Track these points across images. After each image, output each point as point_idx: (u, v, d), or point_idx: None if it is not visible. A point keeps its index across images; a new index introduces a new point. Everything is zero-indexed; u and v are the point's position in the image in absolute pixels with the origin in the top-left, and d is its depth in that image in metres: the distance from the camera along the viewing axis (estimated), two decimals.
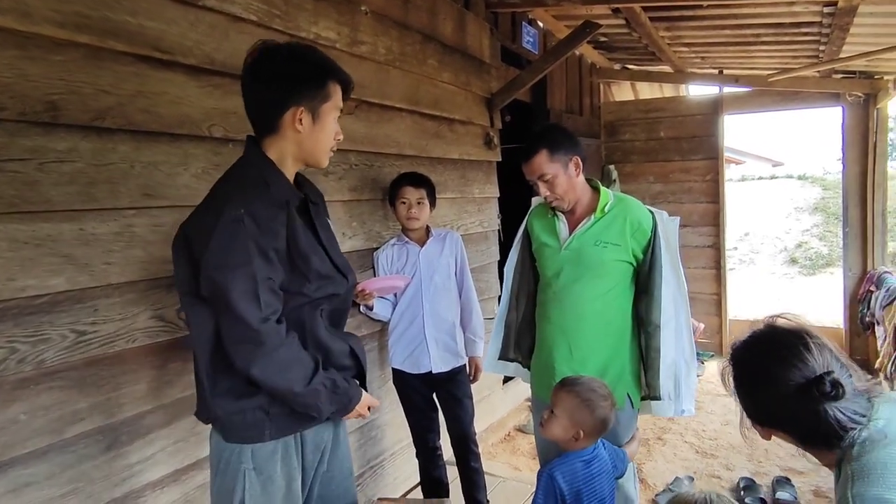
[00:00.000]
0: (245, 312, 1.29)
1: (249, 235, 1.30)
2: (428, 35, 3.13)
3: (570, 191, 2.02)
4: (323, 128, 1.43)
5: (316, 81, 1.41)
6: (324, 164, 1.52)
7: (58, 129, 1.56)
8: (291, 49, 1.43)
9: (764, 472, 3.49)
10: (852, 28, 3.71)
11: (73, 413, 1.61)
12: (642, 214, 2.01)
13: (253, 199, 1.35)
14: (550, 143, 1.99)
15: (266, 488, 1.42)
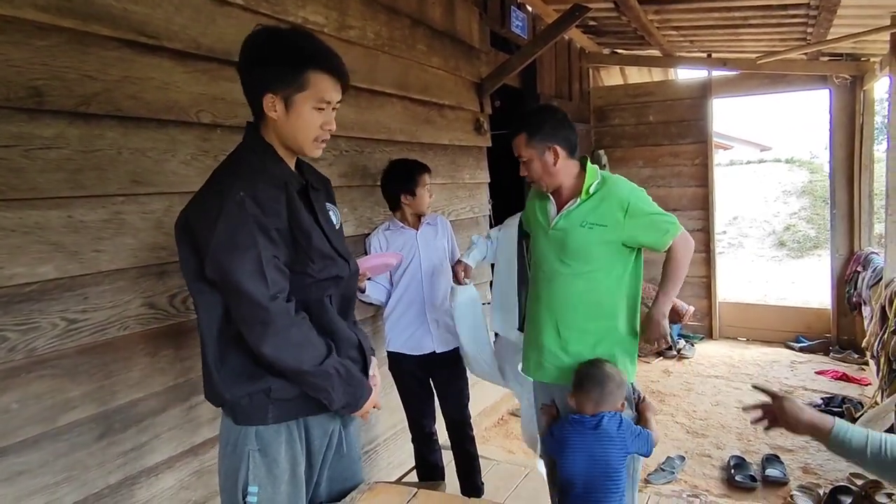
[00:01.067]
0: (253, 292, 1.29)
1: (251, 216, 1.30)
2: (417, 20, 3.11)
3: (546, 176, 2.02)
4: (299, 117, 1.39)
5: (289, 69, 1.36)
6: (310, 154, 1.46)
7: (43, 116, 1.54)
8: (276, 34, 1.39)
9: (754, 451, 3.54)
10: (839, 10, 3.73)
11: (65, 401, 1.61)
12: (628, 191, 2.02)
13: (253, 181, 1.35)
14: (531, 128, 2.00)
15: (271, 470, 1.43)
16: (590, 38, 5.57)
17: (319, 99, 1.39)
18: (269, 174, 1.40)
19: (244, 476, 1.41)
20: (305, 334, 1.37)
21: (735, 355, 5.44)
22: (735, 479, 3.17)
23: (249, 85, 1.40)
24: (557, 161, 1.99)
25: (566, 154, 2.00)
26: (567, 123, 2.03)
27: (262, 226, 1.32)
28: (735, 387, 4.66)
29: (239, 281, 1.29)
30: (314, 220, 1.46)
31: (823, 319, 5.60)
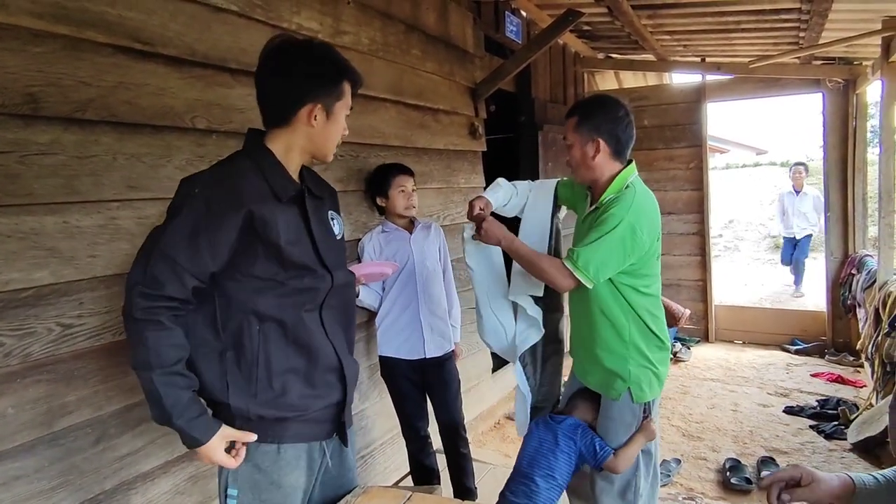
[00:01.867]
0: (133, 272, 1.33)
1: (191, 215, 1.33)
2: (411, 25, 3.13)
3: (583, 167, 1.98)
4: (335, 124, 1.47)
5: (333, 80, 1.44)
6: (330, 159, 1.54)
7: (38, 122, 1.55)
8: (312, 46, 1.45)
9: (749, 453, 3.55)
10: (831, 14, 3.76)
11: (60, 406, 1.61)
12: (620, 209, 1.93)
13: (215, 186, 1.36)
14: (582, 114, 1.96)
15: (252, 476, 1.44)
16: (584, 42, 5.60)
17: (349, 106, 1.50)
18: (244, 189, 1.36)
19: (225, 476, 1.45)
20: (139, 335, 1.31)
21: (731, 358, 5.45)
22: (730, 481, 3.17)
23: (286, 94, 1.42)
24: (597, 155, 1.94)
25: (609, 152, 1.95)
26: (623, 123, 1.95)
27: (194, 228, 1.32)
28: (731, 390, 4.67)
29: (138, 256, 1.35)
30: (306, 229, 1.46)
31: (819, 322, 5.62)
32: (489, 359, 4.08)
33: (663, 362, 2.05)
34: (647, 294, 2.00)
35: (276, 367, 1.43)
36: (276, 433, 1.45)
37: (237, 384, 1.41)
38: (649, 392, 2.00)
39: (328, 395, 1.51)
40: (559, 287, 1.96)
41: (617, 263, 1.89)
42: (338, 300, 1.54)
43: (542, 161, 4.86)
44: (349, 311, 1.63)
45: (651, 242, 1.95)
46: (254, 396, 1.42)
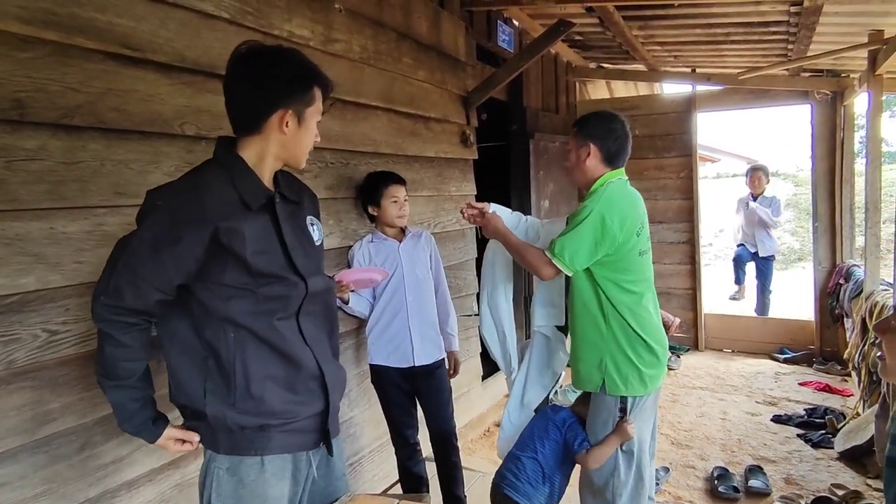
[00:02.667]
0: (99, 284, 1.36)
1: (153, 226, 1.33)
2: (403, 33, 3.14)
3: (576, 169, 2.20)
4: (307, 130, 1.45)
5: (303, 85, 1.42)
6: (302, 166, 1.51)
7: (25, 128, 1.55)
8: (280, 52, 1.43)
9: (737, 462, 3.56)
10: (818, 27, 3.81)
11: (45, 413, 1.60)
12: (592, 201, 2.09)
13: (179, 197, 1.36)
14: (582, 124, 2.20)
15: (236, 491, 1.42)
16: (576, 52, 5.64)
17: (319, 111, 1.48)
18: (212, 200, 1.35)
19: (209, 489, 1.44)
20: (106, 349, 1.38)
21: (720, 367, 5.47)
22: (718, 490, 3.18)
23: (256, 101, 1.40)
24: (588, 159, 2.13)
25: (600, 157, 2.13)
26: (617, 135, 2.15)
27: (157, 241, 1.32)
28: (720, 398, 4.69)
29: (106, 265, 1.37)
30: (278, 236, 1.44)
31: (807, 331, 5.66)
32: (479, 366, 4.08)
33: (651, 364, 2.10)
34: (629, 291, 2.09)
35: (255, 374, 1.41)
36: (260, 444, 1.43)
37: (215, 393, 1.41)
38: (625, 387, 2.07)
39: (311, 402, 1.50)
40: (542, 275, 2.11)
41: (588, 251, 2.02)
42: (317, 306, 1.53)
43: (534, 169, 4.88)
44: (331, 317, 1.61)
45: (626, 235, 2.06)
46: (232, 405, 1.40)
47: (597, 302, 2.09)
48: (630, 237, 2.07)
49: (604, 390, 2.08)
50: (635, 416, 2.11)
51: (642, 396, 2.11)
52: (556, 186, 5.30)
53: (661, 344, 2.14)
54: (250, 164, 1.43)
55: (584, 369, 2.14)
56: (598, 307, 2.09)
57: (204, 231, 1.32)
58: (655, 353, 2.11)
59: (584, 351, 2.13)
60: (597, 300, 2.09)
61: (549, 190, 5.17)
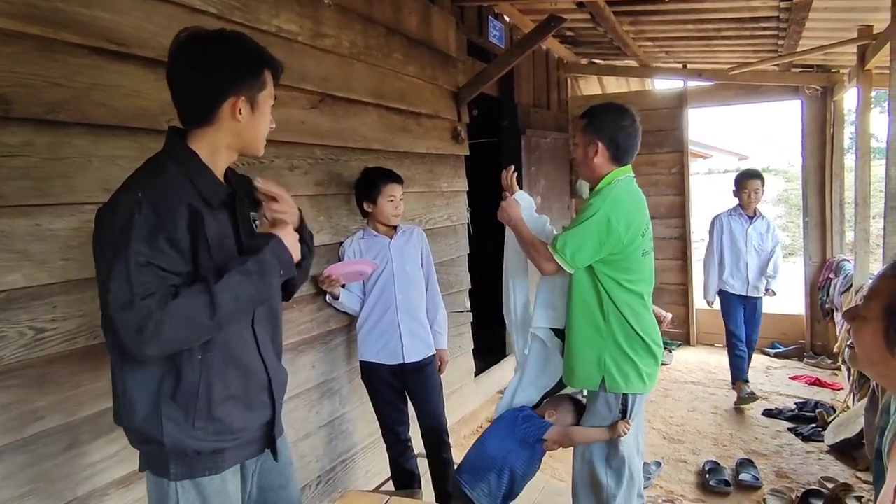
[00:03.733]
0: (116, 293, 1.19)
1: (140, 221, 1.21)
2: (393, 28, 3.13)
3: (583, 165, 2.17)
4: (261, 116, 1.39)
5: (253, 69, 1.35)
6: (261, 153, 1.46)
7: (9, 123, 1.52)
8: (225, 36, 1.36)
9: (728, 456, 3.58)
10: (808, 23, 3.82)
11: (31, 412, 1.59)
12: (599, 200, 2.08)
13: (154, 187, 1.27)
14: (591, 118, 2.13)
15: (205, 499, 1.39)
16: (567, 48, 5.64)
17: (272, 95, 1.42)
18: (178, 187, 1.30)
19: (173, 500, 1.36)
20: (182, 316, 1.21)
21: (712, 361, 5.50)
22: (709, 483, 3.20)
23: (205, 91, 1.32)
24: (596, 157, 2.10)
25: (608, 156, 2.10)
26: (627, 132, 2.10)
27: (149, 232, 1.22)
28: (711, 393, 4.71)
29: (105, 281, 1.21)
30: (235, 234, 1.40)
31: (798, 326, 5.69)
32: (472, 362, 4.08)
33: (649, 363, 2.10)
34: (630, 290, 2.07)
35: (217, 395, 1.34)
36: (214, 465, 1.38)
37: (173, 419, 1.30)
38: (624, 384, 2.06)
39: (262, 413, 1.47)
40: (542, 270, 2.12)
41: (592, 249, 2.00)
42: (263, 309, 1.46)
43: (525, 166, 4.88)
44: (274, 318, 1.52)
45: (632, 236, 2.04)
46: (191, 431, 1.32)
47: (597, 299, 2.07)
48: (635, 238, 2.06)
49: (603, 388, 2.07)
50: (635, 414, 2.11)
51: (642, 394, 2.11)
52: (548, 182, 5.30)
53: (658, 343, 2.15)
54: (203, 159, 1.36)
55: (581, 367, 2.11)
56: (598, 304, 2.07)
57: (184, 210, 1.28)
58: (653, 352, 2.12)
59: (583, 349, 2.10)
60: (597, 298, 2.07)
61: (541, 186, 5.17)
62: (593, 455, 2.14)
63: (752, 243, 4.33)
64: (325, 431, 2.75)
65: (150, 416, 1.31)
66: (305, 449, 2.62)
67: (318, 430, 2.71)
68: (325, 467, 2.75)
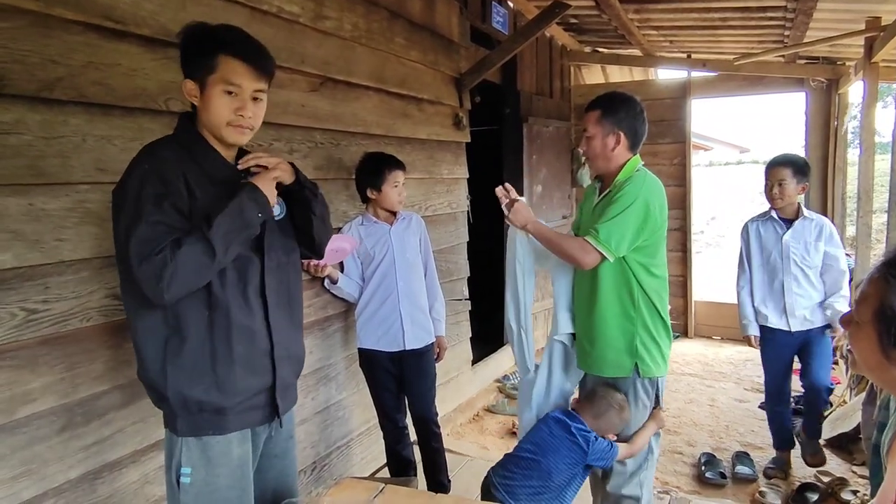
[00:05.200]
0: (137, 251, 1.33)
1: (150, 188, 1.36)
2: (395, 12, 3.09)
3: (601, 157, 2.11)
4: (209, 100, 1.43)
5: (201, 53, 1.42)
6: (230, 139, 1.49)
7: (2, 100, 1.49)
8: (196, 26, 1.46)
9: (725, 448, 3.58)
10: (815, 13, 3.77)
11: (24, 393, 1.57)
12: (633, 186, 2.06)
13: (161, 158, 1.41)
14: (606, 108, 2.09)
15: (205, 452, 1.48)
16: (571, 35, 5.58)
17: (227, 82, 1.43)
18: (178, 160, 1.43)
19: (177, 458, 1.47)
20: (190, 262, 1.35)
21: (709, 354, 5.50)
22: (705, 475, 3.20)
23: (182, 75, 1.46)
24: (616, 147, 2.08)
25: (627, 145, 2.09)
26: (640, 118, 2.11)
27: (157, 197, 1.36)
28: (708, 385, 4.71)
29: (125, 243, 1.34)
30: None
31: None
32: (469, 350, 4.07)
33: (667, 344, 2.15)
34: (656, 275, 2.11)
35: (220, 355, 1.45)
36: (218, 426, 1.48)
37: (176, 372, 1.43)
38: (654, 368, 2.10)
39: (264, 379, 1.55)
40: (583, 264, 2.04)
41: (634, 237, 2.01)
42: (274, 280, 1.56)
43: (527, 154, 4.85)
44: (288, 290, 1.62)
45: (662, 222, 2.08)
46: (194, 383, 1.44)
47: (627, 287, 2.07)
48: (664, 223, 2.11)
49: (637, 373, 2.09)
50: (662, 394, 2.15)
51: (665, 375, 2.16)
52: (550, 171, 5.27)
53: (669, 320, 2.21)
54: (207, 139, 1.49)
55: (613, 355, 2.10)
56: (629, 292, 2.07)
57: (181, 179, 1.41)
58: (669, 329, 2.17)
59: (615, 337, 2.09)
60: (626, 285, 2.07)
61: (542, 175, 5.14)
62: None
63: (792, 256, 3.10)
64: (321, 417, 2.74)
65: (159, 371, 1.44)
66: (301, 435, 2.60)
67: (314, 416, 2.70)
68: (321, 453, 2.75)
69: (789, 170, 3.09)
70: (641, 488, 2.14)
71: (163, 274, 1.32)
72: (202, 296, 1.43)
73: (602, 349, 2.13)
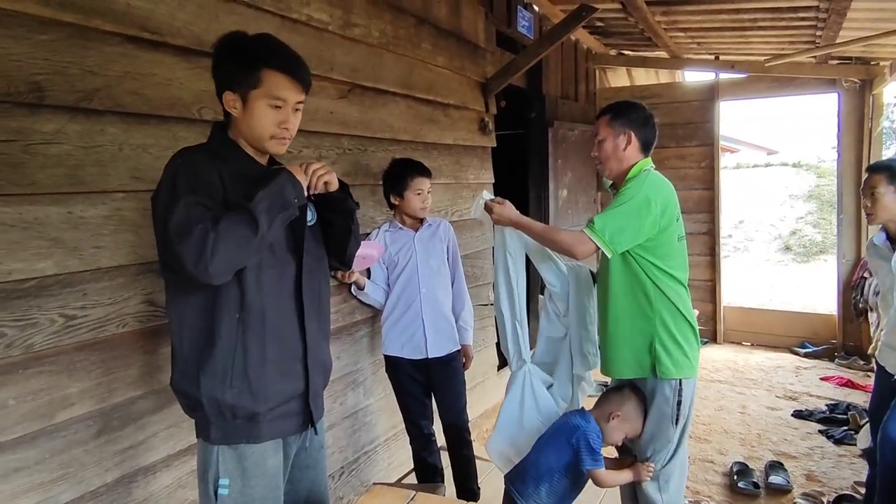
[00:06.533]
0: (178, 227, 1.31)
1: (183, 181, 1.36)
2: (422, 18, 3.10)
3: (613, 159, 2.14)
4: (252, 113, 1.45)
5: (245, 68, 1.42)
6: (272, 150, 1.52)
7: (43, 111, 1.53)
8: (234, 37, 1.47)
9: (757, 457, 3.51)
10: (849, 13, 3.69)
11: (62, 398, 1.60)
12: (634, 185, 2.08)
13: (190, 160, 1.43)
14: (616, 111, 2.15)
15: (240, 463, 1.47)
16: (596, 38, 5.54)
17: (273, 96, 1.45)
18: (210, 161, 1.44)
19: (214, 469, 1.46)
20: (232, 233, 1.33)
21: (739, 360, 5.40)
22: (738, 485, 3.13)
23: (216, 85, 1.48)
24: (628, 147, 2.11)
25: (638, 146, 2.13)
26: (650, 124, 2.16)
27: (192, 188, 1.36)
28: (739, 392, 4.62)
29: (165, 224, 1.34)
30: None
31: (829, 325, 5.56)
32: (495, 356, 4.06)
33: (693, 346, 2.12)
34: (672, 275, 2.09)
35: (252, 360, 1.45)
36: (254, 434, 1.48)
37: (209, 375, 1.43)
38: (675, 370, 2.06)
39: (296, 385, 1.55)
40: (576, 254, 2.04)
41: (633, 232, 2.00)
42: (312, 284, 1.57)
43: (552, 158, 4.82)
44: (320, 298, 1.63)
45: (668, 220, 2.06)
46: (227, 388, 1.43)
47: (641, 287, 2.07)
48: (672, 222, 2.08)
49: (655, 374, 2.07)
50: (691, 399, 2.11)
51: (692, 378, 2.11)
52: (575, 176, 5.24)
53: (695, 322, 2.18)
54: (241, 147, 1.51)
55: (629, 355, 2.11)
56: (643, 292, 2.07)
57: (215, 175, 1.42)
58: (694, 331, 2.14)
59: (628, 337, 2.10)
60: (640, 286, 2.07)
61: (568, 179, 5.10)
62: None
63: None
64: (350, 422, 2.75)
65: (193, 377, 1.44)
66: (329, 440, 2.62)
67: (342, 421, 2.71)
68: (349, 458, 2.76)
69: (884, 176, 2.43)
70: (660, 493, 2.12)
71: (205, 244, 1.28)
72: (236, 298, 1.43)
73: (619, 350, 2.14)
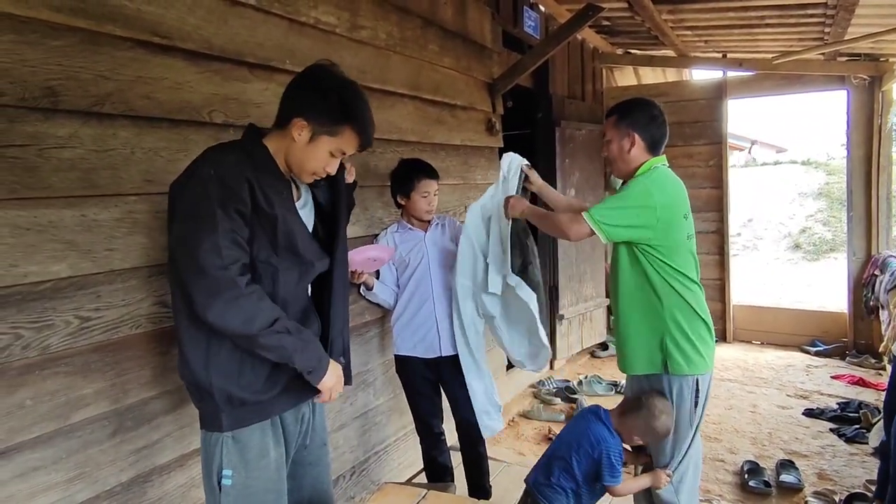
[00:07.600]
0: (205, 261, 1.37)
1: (215, 192, 1.40)
2: (428, 20, 3.11)
3: (619, 160, 2.16)
4: (312, 151, 1.52)
5: (334, 115, 1.50)
6: (303, 181, 1.62)
7: (57, 115, 1.55)
8: (341, 82, 1.53)
9: (768, 456, 3.50)
10: (857, 9, 3.68)
11: (78, 398, 1.62)
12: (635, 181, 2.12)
13: (225, 163, 1.45)
14: (621, 112, 2.16)
15: (243, 455, 1.52)
16: (603, 38, 5.54)
17: (339, 149, 1.55)
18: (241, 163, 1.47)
19: (218, 460, 1.51)
20: (255, 304, 1.41)
21: (749, 359, 5.38)
22: (749, 484, 3.13)
23: (293, 100, 1.53)
24: (632, 148, 2.12)
25: (644, 147, 2.12)
26: (657, 122, 2.14)
27: (223, 202, 1.40)
28: (749, 391, 4.61)
29: (194, 248, 1.37)
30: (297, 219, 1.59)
31: (840, 323, 5.53)
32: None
33: (707, 342, 2.12)
34: (682, 272, 2.10)
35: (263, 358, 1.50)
36: (261, 413, 1.54)
37: (219, 368, 1.48)
38: (687, 366, 2.07)
39: None
40: (568, 234, 2.11)
41: (629, 221, 2.03)
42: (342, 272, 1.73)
43: (560, 158, 4.83)
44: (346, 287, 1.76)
45: (672, 218, 2.07)
46: (239, 382, 1.50)
47: (650, 285, 2.08)
48: (678, 219, 2.08)
49: (666, 370, 2.07)
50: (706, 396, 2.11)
51: (707, 374, 2.12)
52: (582, 175, 5.23)
53: (710, 318, 2.18)
54: (272, 153, 1.55)
55: (641, 351, 2.12)
56: (653, 290, 2.08)
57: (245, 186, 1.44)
58: (711, 330, 2.15)
59: (639, 333, 2.12)
60: (650, 283, 2.08)
61: (575, 178, 5.10)
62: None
63: None
64: (360, 423, 2.76)
65: (199, 367, 1.49)
66: (340, 440, 2.63)
67: (353, 422, 2.72)
68: (359, 458, 2.77)
69: None
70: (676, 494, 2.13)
71: (222, 299, 1.36)
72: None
73: (631, 346, 2.16)
